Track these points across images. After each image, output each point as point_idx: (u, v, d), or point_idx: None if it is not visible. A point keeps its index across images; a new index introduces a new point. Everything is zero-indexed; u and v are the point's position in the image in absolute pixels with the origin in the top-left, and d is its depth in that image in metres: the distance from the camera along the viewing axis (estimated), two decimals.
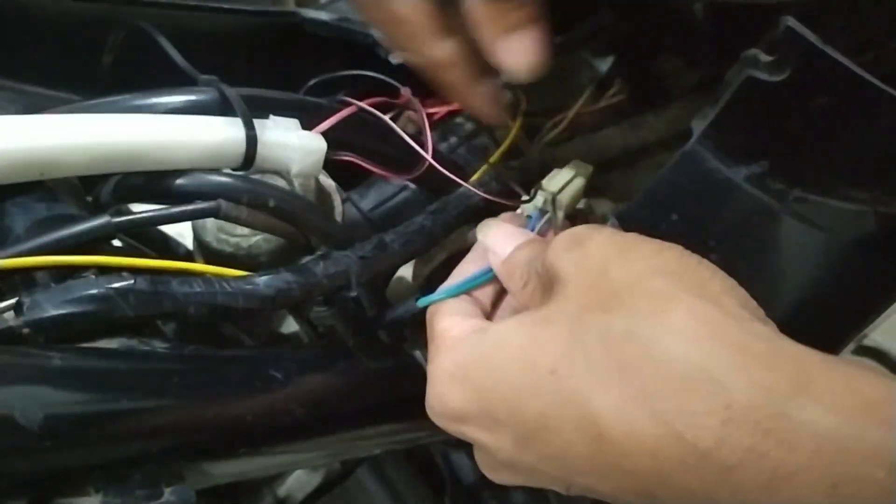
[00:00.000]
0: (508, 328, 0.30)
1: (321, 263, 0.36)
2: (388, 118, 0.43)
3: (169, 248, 0.44)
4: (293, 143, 0.38)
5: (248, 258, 0.40)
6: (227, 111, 0.37)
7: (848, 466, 0.21)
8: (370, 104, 0.42)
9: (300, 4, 0.59)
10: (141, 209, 0.36)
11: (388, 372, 0.40)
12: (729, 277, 0.28)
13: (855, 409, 0.22)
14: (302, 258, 0.37)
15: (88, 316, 0.30)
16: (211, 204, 0.35)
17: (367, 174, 0.45)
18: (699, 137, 0.31)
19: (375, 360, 0.39)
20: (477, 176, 0.45)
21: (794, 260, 0.31)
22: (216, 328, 0.40)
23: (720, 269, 0.28)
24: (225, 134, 0.36)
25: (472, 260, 0.37)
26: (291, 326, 0.43)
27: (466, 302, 0.35)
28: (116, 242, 0.36)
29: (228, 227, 0.39)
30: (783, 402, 0.22)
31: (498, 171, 0.46)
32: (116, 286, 0.30)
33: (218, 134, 0.35)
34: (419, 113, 0.44)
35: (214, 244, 0.40)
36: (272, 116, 0.38)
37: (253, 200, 0.36)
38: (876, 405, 0.22)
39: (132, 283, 0.31)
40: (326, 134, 0.39)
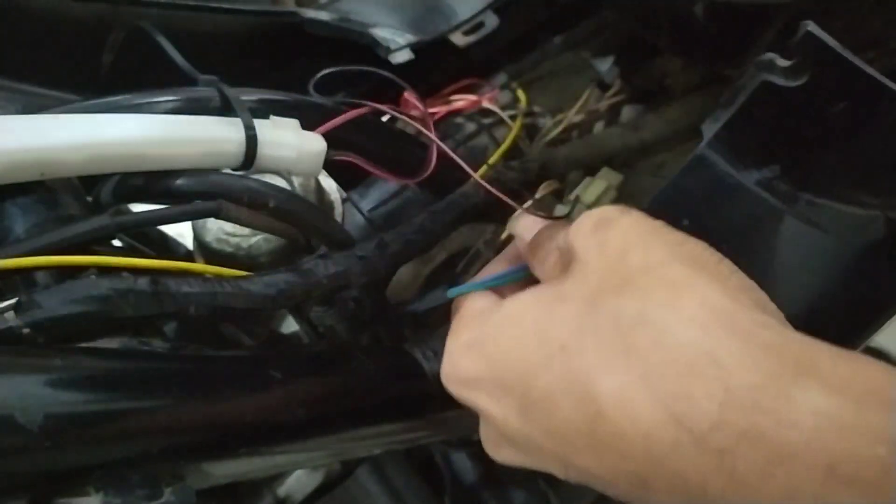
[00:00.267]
0: (525, 302, 0.31)
1: (321, 263, 0.36)
2: (402, 116, 0.43)
3: (169, 248, 0.44)
4: (293, 143, 0.38)
5: (248, 258, 0.40)
6: (227, 111, 0.37)
7: (847, 443, 0.21)
8: (374, 107, 0.42)
9: (300, 4, 0.59)
10: (141, 209, 0.36)
11: (388, 372, 0.40)
12: (749, 279, 0.28)
13: (858, 391, 0.22)
14: (302, 258, 0.37)
15: (88, 316, 0.30)
16: (211, 204, 0.35)
17: (367, 174, 0.45)
18: (710, 141, 0.31)
19: (375, 360, 0.39)
20: (479, 174, 0.45)
21: (803, 264, 0.31)
22: (216, 328, 0.40)
23: None
24: (225, 134, 0.36)
25: (504, 257, 0.38)
26: (291, 326, 0.43)
27: (495, 295, 0.35)
28: (116, 242, 0.36)
29: (228, 227, 0.39)
30: (786, 383, 0.22)
31: (498, 171, 0.46)
32: (116, 286, 0.30)
33: (218, 134, 0.35)
34: (425, 116, 0.44)
35: (214, 244, 0.40)
36: (272, 116, 0.38)
37: (253, 200, 0.36)
38: (880, 389, 0.22)
39: (132, 283, 0.31)
40: (327, 134, 0.39)
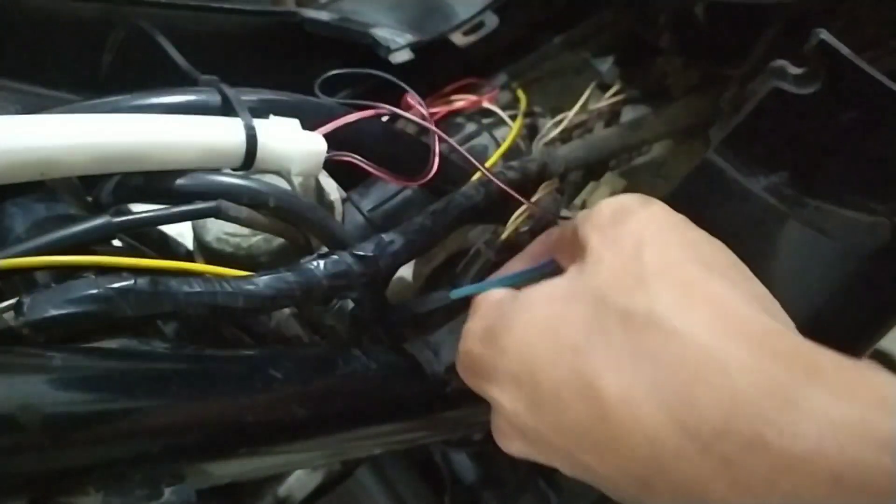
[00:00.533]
0: (539, 296, 0.30)
1: (321, 263, 0.36)
2: (406, 115, 0.43)
3: (169, 248, 0.44)
4: (293, 143, 0.38)
5: (248, 258, 0.40)
6: (227, 111, 0.37)
7: (853, 453, 0.21)
8: (377, 110, 0.42)
9: (300, 4, 0.59)
10: (141, 209, 0.36)
11: (388, 372, 0.40)
12: (761, 286, 0.28)
13: (864, 400, 0.22)
14: (302, 258, 0.37)
15: (88, 316, 0.30)
16: (211, 204, 0.35)
17: (367, 174, 0.45)
18: (718, 147, 0.31)
19: (375, 360, 0.39)
20: (477, 176, 0.45)
21: (809, 269, 0.31)
22: (216, 328, 0.40)
23: None
24: (225, 134, 0.36)
25: (517, 260, 0.38)
26: (291, 326, 0.43)
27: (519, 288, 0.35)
28: (116, 242, 0.36)
29: (228, 227, 0.39)
30: (792, 392, 0.22)
31: (498, 171, 0.46)
32: (116, 286, 0.30)
33: (218, 134, 0.35)
34: (427, 117, 0.44)
35: (214, 244, 0.40)
36: (272, 116, 0.38)
37: (253, 200, 0.36)
38: (886, 398, 0.22)
39: (132, 283, 0.31)
40: (328, 135, 0.39)
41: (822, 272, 0.31)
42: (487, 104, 0.52)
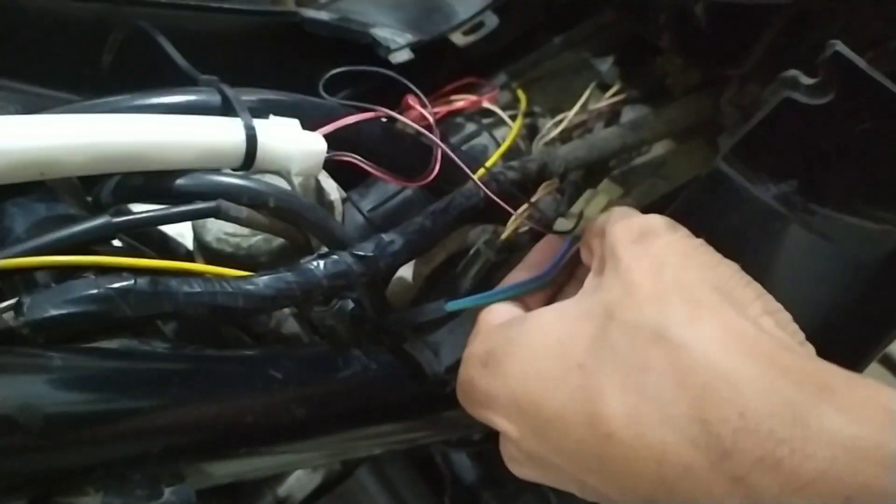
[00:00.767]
0: (548, 317, 0.30)
1: (321, 263, 0.36)
2: (407, 121, 0.43)
3: (169, 248, 0.44)
4: (293, 143, 0.38)
5: (248, 258, 0.40)
6: (227, 111, 0.37)
7: (865, 474, 0.21)
8: (378, 113, 0.42)
9: (300, 4, 0.59)
10: (141, 209, 0.36)
11: (388, 372, 0.40)
12: (774, 301, 0.28)
13: (875, 419, 0.22)
14: (302, 258, 0.37)
15: (88, 316, 0.30)
16: (211, 204, 0.35)
17: (367, 174, 0.45)
18: (727, 155, 0.31)
19: (375, 360, 0.39)
20: (477, 176, 0.45)
21: (817, 277, 0.31)
22: (216, 328, 0.40)
23: None
24: (225, 134, 0.36)
25: (516, 271, 0.38)
26: (291, 326, 0.43)
27: (519, 307, 0.35)
28: (116, 242, 0.36)
29: (228, 227, 0.39)
30: (802, 410, 0.22)
31: (498, 171, 0.46)
32: (116, 286, 0.30)
33: (218, 134, 0.35)
34: (429, 118, 0.44)
35: (214, 244, 0.40)
36: (272, 116, 0.38)
37: (253, 200, 0.36)
38: None
39: (132, 283, 0.31)
40: (328, 135, 0.39)
41: (829, 280, 0.31)
42: (487, 104, 0.52)
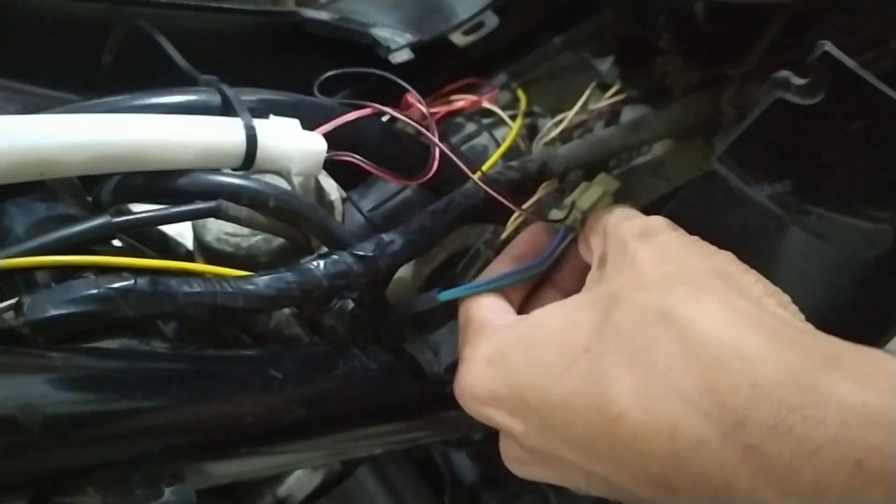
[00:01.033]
0: (551, 310, 0.31)
1: (321, 263, 0.36)
2: (404, 118, 0.43)
3: (169, 248, 0.44)
4: (293, 143, 0.38)
5: (248, 258, 0.40)
6: (227, 111, 0.37)
7: (874, 438, 0.21)
8: (376, 109, 0.42)
9: (300, 4, 0.59)
10: (141, 209, 0.36)
11: (388, 372, 0.40)
12: (773, 285, 0.28)
13: (883, 385, 0.22)
14: (302, 258, 0.37)
15: (88, 316, 0.30)
16: (211, 204, 0.35)
17: (367, 174, 0.45)
18: (721, 156, 0.31)
19: (375, 360, 0.39)
20: (477, 176, 0.45)
21: (812, 277, 0.31)
22: (216, 328, 0.40)
23: None
24: (225, 134, 0.36)
25: (500, 261, 0.38)
26: (291, 326, 0.43)
27: (502, 299, 0.35)
28: (116, 242, 0.36)
29: (228, 227, 0.39)
30: (812, 378, 0.22)
31: (498, 170, 0.46)
32: (116, 286, 0.30)
33: (218, 134, 0.35)
34: (427, 116, 0.44)
35: (214, 244, 0.40)
36: (272, 116, 0.38)
37: (253, 200, 0.36)
38: None
39: (132, 283, 0.31)
40: (327, 134, 0.39)
41: (826, 280, 0.31)
42: (487, 104, 0.52)
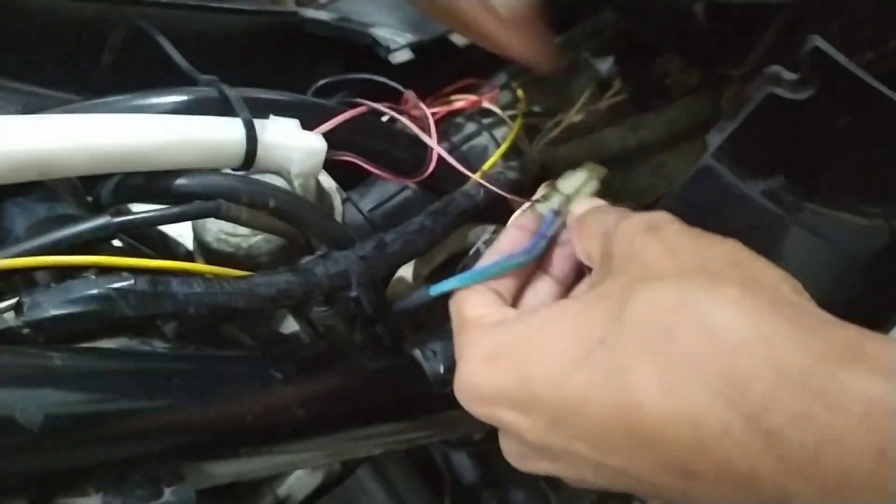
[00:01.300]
0: (560, 305, 0.30)
1: (321, 263, 0.36)
2: (401, 118, 0.43)
3: (169, 248, 0.44)
4: (293, 143, 0.38)
5: (248, 258, 0.40)
6: (227, 111, 0.37)
7: None
8: (374, 107, 0.42)
9: (300, 4, 0.59)
10: (141, 209, 0.36)
11: (388, 372, 0.40)
12: (783, 271, 0.28)
13: None
14: (302, 258, 0.37)
15: (88, 316, 0.30)
16: (211, 204, 0.35)
17: (367, 174, 0.45)
18: (715, 152, 0.31)
19: (375, 360, 0.39)
20: (478, 175, 0.45)
21: (807, 273, 0.31)
22: (216, 328, 0.40)
23: None
24: (225, 134, 0.36)
25: (490, 254, 0.37)
26: (291, 326, 0.43)
27: (494, 294, 0.35)
28: (116, 242, 0.36)
29: (228, 227, 0.39)
30: (835, 367, 0.22)
31: (498, 171, 0.46)
32: (116, 286, 0.30)
33: (218, 134, 0.35)
34: (425, 117, 0.44)
35: (214, 244, 0.40)
36: (272, 116, 0.38)
37: (253, 200, 0.36)
38: None
39: (132, 283, 0.31)
40: (327, 134, 0.39)
41: (820, 276, 0.31)
42: (487, 104, 0.52)
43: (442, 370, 0.41)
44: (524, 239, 0.37)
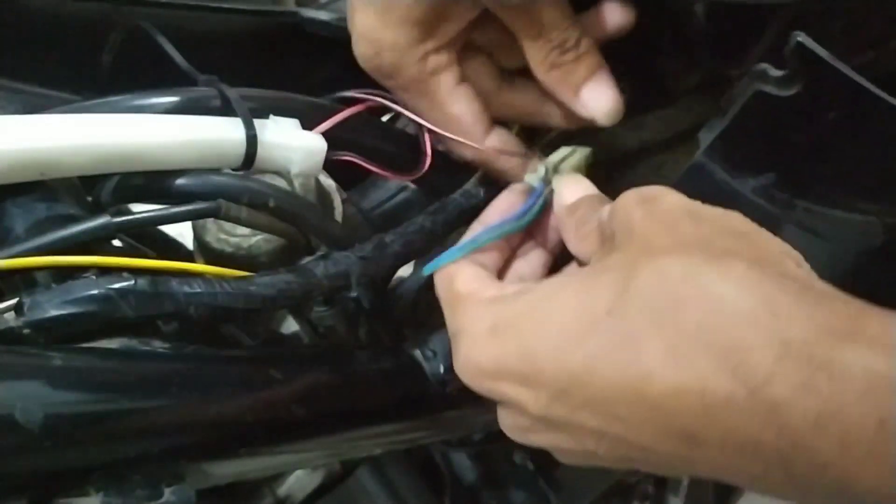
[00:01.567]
0: (563, 279, 0.30)
1: (321, 263, 0.36)
2: (404, 111, 0.43)
3: (169, 248, 0.44)
4: (293, 143, 0.38)
5: (248, 258, 0.40)
6: (227, 111, 0.37)
7: None
8: (372, 106, 0.42)
9: (300, 4, 0.59)
10: (141, 209, 0.36)
11: (388, 372, 0.40)
12: (784, 242, 0.28)
13: None
14: (302, 258, 0.37)
15: (88, 316, 0.30)
16: (211, 204, 0.35)
17: (367, 174, 0.45)
18: (706, 150, 0.31)
19: (375, 360, 0.39)
20: (478, 176, 0.45)
21: None
22: (216, 328, 0.40)
23: None
24: (225, 134, 0.36)
25: (479, 223, 0.38)
26: (291, 326, 0.43)
27: (481, 268, 0.35)
28: (116, 242, 0.36)
29: (228, 227, 0.39)
30: (838, 340, 0.23)
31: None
32: (116, 286, 0.30)
33: (218, 134, 0.35)
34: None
35: (214, 244, 0.40)
36: (272, 116, 0.38)
37: (253, 200, 0.36)
38: None
39: (132, 283, 0.31)
40: (327, 134, 0.39)
41: (817, 273, 0.31)
42: None
43: (442, 370, 0.41)
44: (513, 208, 0.37)
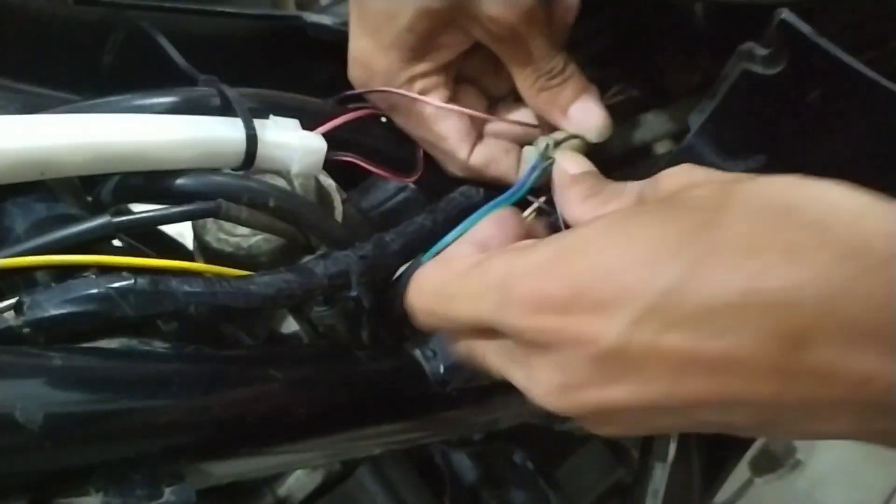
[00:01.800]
0: (621, 212, 0.31)
1: (321, 263, 0.36)
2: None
3: (169, 247, 0.44)
4: (293, 143, 0.38)
5: (248, 258, 0.40)
6: (227, 111, 0.37)
7: None
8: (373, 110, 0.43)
9: (301, 8, 0.59)
10: (141, 209, 0.36)
11: (388, 372, 0.40)
12: None
13: None
14: (302, 258, 0.37)
15: (88, 316, 0.30)
16: (211, 204, 0.35)
17: (367, 174, 0.45)
18: (697, 132, 0.31)
19: (375, 360, 0.39)
20: None
21: None
22: (216, 328, 0.40)
23: None
24: (225, 134, 0.36)
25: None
26: (291, 326, 0.43)
27: (475, 244, 0.36)
28: (116, 242, 0.36)
29: (228, 226, 0.39)
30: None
31: None
32: (116, 286, 0.30)
33: (218, 134, 0.35)
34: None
35: (214, 244, 0.40)
36: (272, 116, 0.38)
37: (253, 200, 0.36)
38: None
39: (132, 282, 0.31)
40: (327, 134, 0.39)
41: None
42: None
43: (442, 370, 0.41)
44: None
